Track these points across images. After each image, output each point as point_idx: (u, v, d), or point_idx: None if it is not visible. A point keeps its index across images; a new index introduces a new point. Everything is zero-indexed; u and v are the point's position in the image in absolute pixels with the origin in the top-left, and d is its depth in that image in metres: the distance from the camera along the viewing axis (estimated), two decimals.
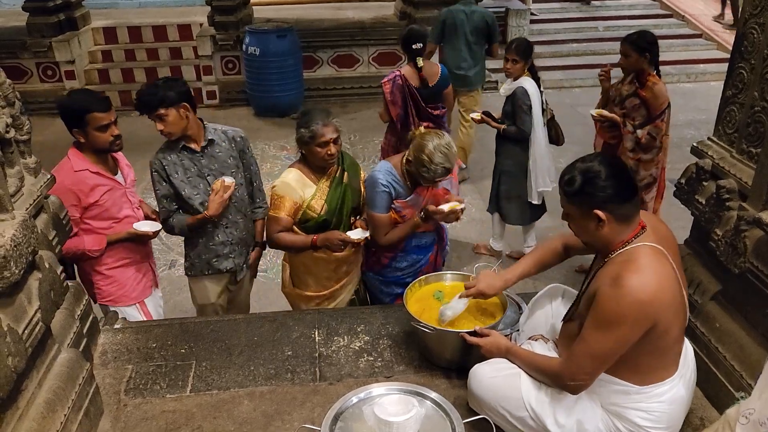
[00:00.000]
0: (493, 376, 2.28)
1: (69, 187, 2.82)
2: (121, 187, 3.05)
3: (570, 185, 2.00)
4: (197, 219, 3.04)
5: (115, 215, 3.03)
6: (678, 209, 2.95)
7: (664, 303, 1.92)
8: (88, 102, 2.82)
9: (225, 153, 3.11)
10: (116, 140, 2.91)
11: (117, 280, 3.13)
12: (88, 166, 2.90)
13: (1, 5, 10.81)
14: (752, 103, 2.27)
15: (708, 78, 9.32)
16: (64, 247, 2.79)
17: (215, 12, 8.36)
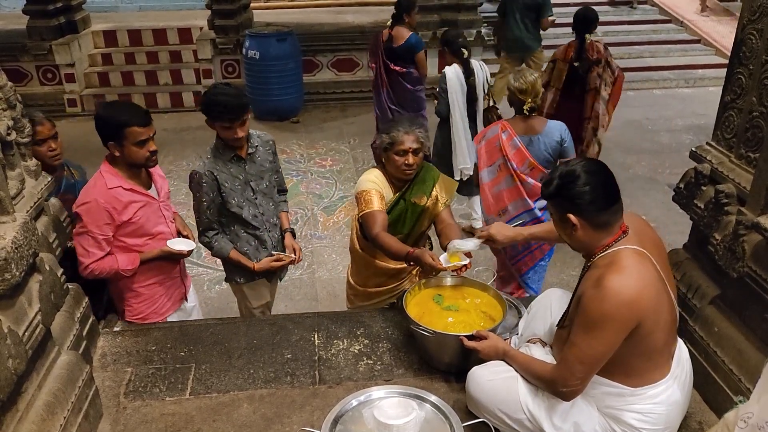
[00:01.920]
0: (491, 379, 2.29)
1: (102, 205, 2.70)
2: (155, 201, 2.93)
3: (546, 186, 2.06)
4: (240, 261, 3.13)
5: (150, 231, 2.92)
6: (677, 214, 2.97)
7: (647, 301, 1.95)
8: (128, 115, 2.69)
9: (263, 157, 3.12)
10: (152, 156, 2.78)
11: (149, 297, 3.05)
12: (122, 182, 2.77)
13: (2, 8, 10.82)
14: (751, 108, 2.28)
15: (706, 83, 9.34)
16: (98, 267, 2.79)
17: (215, 16, 8.38)
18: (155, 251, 2.94)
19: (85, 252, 2.77)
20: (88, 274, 2.81)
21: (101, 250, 2.78)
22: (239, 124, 2.87)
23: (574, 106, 5.06)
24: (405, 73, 5.83)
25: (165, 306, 3.13)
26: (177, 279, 3.17)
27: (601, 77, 4.97)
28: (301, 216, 5.72)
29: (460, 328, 2.53)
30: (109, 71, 8.73)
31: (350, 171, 6.66)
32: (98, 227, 2.73)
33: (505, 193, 3.63)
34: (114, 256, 2.85)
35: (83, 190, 2.79)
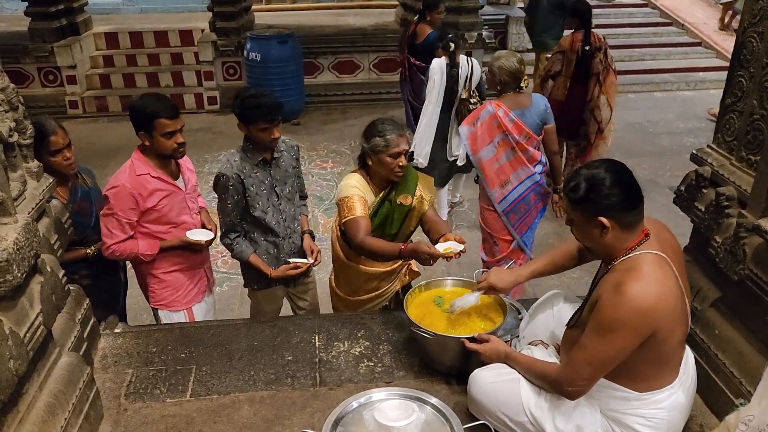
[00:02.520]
0: (492, 381, 2.28)
1: (129, 190, 2.83)
2: (180, 192, 3.03)
3: (575, 192, 2.00)
4: (259, 266, 3.14)
5: (173, 220, 3.02)
6: (677, 216, 2.96)
7: (664, 311, 1.92)
8: (158, 107, 2.80)
9: (287, 162, 3.15)
10: (180, 147, 2.89)
11: (170, 284, 3.14)
12: (150, 170, 2.89)
13: (3, 10, 10.85)
14: (751, 111, 2.29)
15: (707, 86, 9.35)
16: (119, 248, 2.92)
17: (217, 18, 8.40)
18: (175, 240, 3.05)
19: (108, 233, 2.91)
20: (109, 255, 2.96)
21: (124, 233, 2.92)
22: (275, 126, 2.93)
23: (581, 92, 5.52)
24: (424, 69, 5.87)
25: (189, 294, 3.20)
26: (201, 270, 3.26)
27: (603, 63, 5.44)
28: None
29: (461, 331, 2.53)
30: (111, 73, 8.74)
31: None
32: (123, 211, 2.86)
33: (506, 165, 3.84)
34: (135, 241, 2.97)
35: (114, 176, 2.91)
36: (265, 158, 3.03)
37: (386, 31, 8.97)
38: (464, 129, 3.94)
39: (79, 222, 2.96)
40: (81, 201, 3.02)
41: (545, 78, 5.78)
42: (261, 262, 3.16)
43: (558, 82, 5.61)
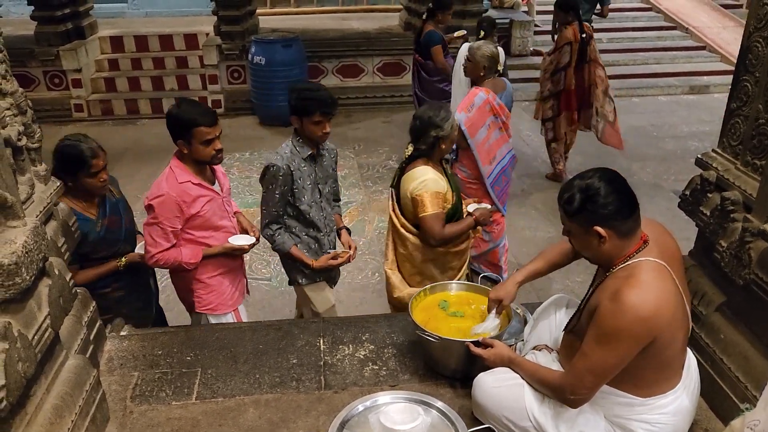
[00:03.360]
0: (496, 386, 2.28)
1: (174, 198, 2.84)
2: (219, 196, 3.05)
3: (569, 204, 2.00)
4: (301, 258, 3.18)
5: (215, 224, 3.05)
6: (682, 220, 2.96)
7: (664, 318, 1.92)
8: (197, 115, 2.80)
9: (328, 161, 3.23)
10: (218, 154, 2.90)
11: (216, 289, 3.16)
12: (191, 177, 2.91)
13: (10, 14, 10.90)
14: (757, 116, 2.29)
15: (712, 90, 9.34)
16: (163, 257, 2.92)
17: (221, 22, 8.42)
18: (217, 248, 3.07)
19: (153, 242, 2.92)
20: (153, 263, 2.98)
21: (168, 241, 2.93)
22: (329, 120, 3.01)
23: (580, 78, 6.06)
24: (423, 64, 6.39)
25: (233, 297, 3.23)
26: (240, 272, 3.30)
27: (593, 49, 6.09)
28: None
29: (466, 334, 2.53)
30: (116, 77, 8.78)
31: (355, 177, 6.67)
32: (168, 219, 2.87)
33: (494, 144, 4.26)
34: (179, 249, 2.99)
35: (155, 184, 2.92)
36: (312, 153, 3.09)
37: (390, 35, 8.99)
38: (460, 116, 4.07)
39: (111, 236, 2.98)
40: (111, 215, 3.00)
41: (555, 72, 6.07)
42: (302, 254, 3.19)
43: (568, 74, 6.00)
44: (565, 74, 6.01)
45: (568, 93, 6.07)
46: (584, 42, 5.92)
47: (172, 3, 11.14)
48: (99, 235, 2.92)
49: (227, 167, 6.84)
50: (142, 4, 11.29)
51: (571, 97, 6.09)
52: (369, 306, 4.47)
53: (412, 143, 3.15)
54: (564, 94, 6.11)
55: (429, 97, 6.31)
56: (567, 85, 6.04)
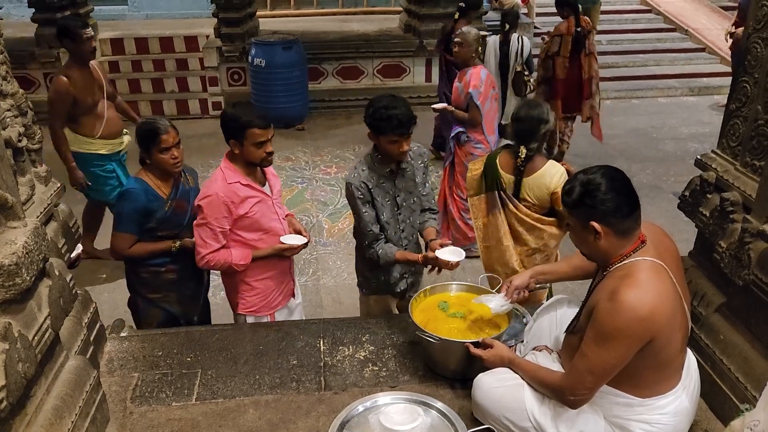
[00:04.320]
0: (496, 386, 2.29)
1: (222, 199, 2.84)
2: (269, 198, 3.03)
3: (569, 195, 2.01)
4: (407, 258, 3.01)
5: (264, 226, 3.02)
6: (682, 222, 2.97)
7: (662, 318, 1.92)
8: (251, 118, 2.81)
9: (412, 171, 3.08)
10: (268, 156, 2.91)
11: (261, 291, 3.14)
12: (240, 178, 2.90)
13: (10, 16, 10.91)
14: (756, 117, 2.29)
15: (711, 91, 9.34)
16: (213, 258, 2.93)
17: (222, 24, 8.43)
18: (267, 250, 3.04)
19: (203, 242, 2.93)
20: (203, 264, 2.98)
21: (217, 242, 2.93)
22: (406, 138, 2.85)
23: (577, 69, 6.37)
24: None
25: (276, 300, 3.22)
26: (288, 275, 3.28)
27: (592, 42, 6.43)
28: (306, 223, 5.74)
29: (466, 335, 2.53)
30: (116, 79, 8.76)
31: None
32: (216, 220, 2.88)
33: (491, 114, 4.88)
34: (229, 250, 2.98)
35: (205, 184, 2.96)
36: (392, 169, 2.98)
37: (390, 37, 8.99)
38: (474, 92, 4.65)
39: (174, 218, 3.07)
40: (180, 199, 3.09)
41: (545, 59, 6.46)
42: (408, 253, 3.05)
43: (558, 62, 6.35)
44: (553, 62, 6.38)
45: (556, 82, 6.45)
46: (579, 35, 6.24)
47: (173, 5, 11.15)
48: (165, 214, 3.03)
49: None
50: (143, 6, 11.29)
51: (558, 85, 6.44)
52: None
53: (522, 145, 3.11)
54: (553, 82, 6.51)
55: None
56: (556, 73, 6.39)
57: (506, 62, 6.22)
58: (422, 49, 8.66)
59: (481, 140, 4.79)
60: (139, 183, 3.01)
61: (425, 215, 3.21)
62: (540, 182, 3.13)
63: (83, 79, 4.47)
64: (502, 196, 3.28)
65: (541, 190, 3.14)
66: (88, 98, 4.50)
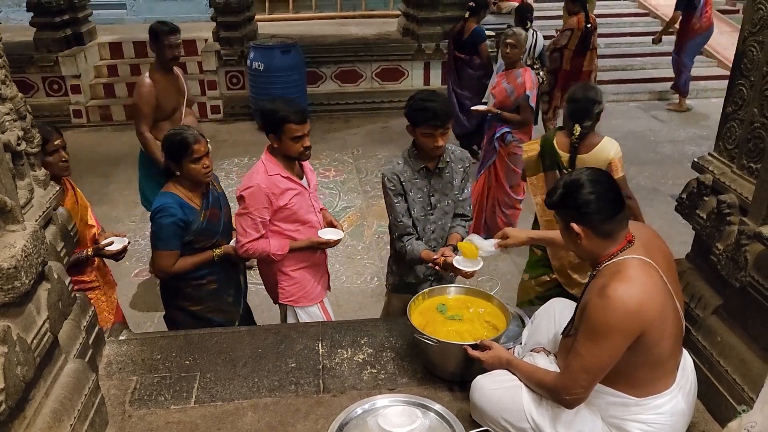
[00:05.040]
0: (494, 388, 2.29)
1: (264, 190, 2.93)
2: (306, 191, 3.11)
3: (550, 195, 2.07)
4: (431, 257, 2.99)
5: (301, 218, 3.10)
6: (679, 224, 2.98)
7: (651, 312, 1.95)
8: (288, 112, 2.88)
9: (451, 173, 3.09)
10: (306, 150, 2.98)
11: (299, 281, 3.22)
12: (280, 171, 2.99)
13: (9, 20, 10.92)
14: (752, 119, 2.30)
15: (708, 94, 9.37)
16: (252, 247, 3.00)
17: (220, 28, 8.45)
18: (304, 241, 3.12)
19: (243, 232, 3.01)
20: (243, 253, 3.05)
21: (257, 231, 3.00)
22: (441, 133, 2.88)
23: (580, 63, 6.88)
24: (468, 60, 6.71)
25: (315, 291, 3.27)
26: (323, 267, 3.33)
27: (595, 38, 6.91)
28: None
29: (464, 338, 2.54)
30: (115, 83, 8.79)
31: (353, 182, 6.68)
32: (257, 210, 2.96)
33: None
34: (267, 240, 3.06)
35: (246, 176, 3.05)
36: (427, 167, 3.01)
37: (388, 41, 9.01)
38: (531, 93, 4.78)
39: (210, 228, 3.05)
40: (212, 207, 3.07)
41: (553, 51, 6.88)
42: (431, 252, 3.05)
43: (565, 55, 6.85)
44: (561, 55, 6.86)
45: (562, 72, 6.91)
46: (587, 31, 6.70)
47: (171, 9, 11.17)
48: (201, 226, 3.01)
49: (226, 172, 6.86)
50: (141, 11, 11.32)
51: (561, 77, 6.90)
52: (367, 310, 4.47)
53: (577, 124, 3.29)
54: (559, 73, 6.94)
55: (470, 92, 6.64)
56: (563, 65, 6.89)
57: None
58: (421, 53, 8.68)
59: (526, 140, 4.77)
60: (171, 197, 2.94)
61: (456, 220, 3.21)
62: (597, 156, 3.31)
63: (165, 84, 4.42)
64: (563, 173, 3.41)
65: (598, 163, 3.25)
66: (168, 103, 4.45)
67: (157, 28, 4.38)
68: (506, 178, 5.09)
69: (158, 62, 4.46)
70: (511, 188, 5.13)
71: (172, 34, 4.36)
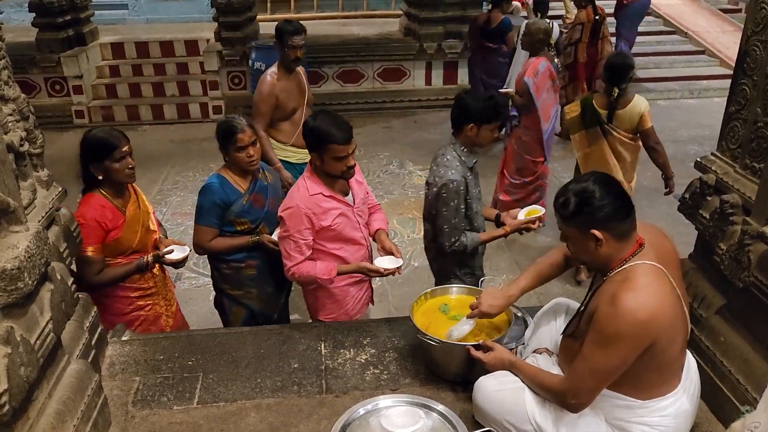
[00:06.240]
0: (497, 389, 2.29)
1: (303, 211, 2.82)
2: (351, 208, 3.00)
3: (565, 207, 2.01)
4: (493, 236, 3.15)
5: (346, 236, 2.99)
6: (682, 224, 2.97)
7: (663, 321, 1.93)
8: (331, 132, 2.75)
9: (476, 169, 3.17)
10: (349, 170, 2.86)
11: (339, 300, 3.13)
12: (322, 189, 2.88)
13: (11, 21, 10.93)
14: (755, 119, 2.30)
15: (711, 94, 9.35)
16: (297, 270, 2.91)
17: (222, 28, 8.45)
18: (353, 266, 3.00)
19: (287, 255, 2.93)
20: (290, 277, 3.00)
21: (301, 254, 2.91)
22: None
23: (594, 52, 7.31)
24: (496, 49, 7.08)
25: (355, 308, 3.21)
26: (367, 282, 3.27)
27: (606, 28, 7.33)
28: None
29: (467, 338, 2.53)
30: (117, 83, 8.80)
31: None
32: (299, 231, 2.86)
33: (548, 104, 5.15)
34: (313, 263, 2.95)
35: (288, 195, 2.97)
36: (475, 161, 3.12)
37: (390, 41, 9.01)
38: (529, 80, 4.97)
39: (252, 211, 3.14)
40: (257, 193, 3.16)
41: (567, 46, 7.26)
42: (491, 232, 3.17)
43: (579, 48, 7.26)
44: (575, 49, 7.27)
45: (578, 65, 7.32)
46: (597, 22, 7.14)
47: (173, 9, 11.17)
48: (243, 208, 3.10)
49: None
50: (143, 11, 11.32)
51: (580, 69, 7.30)
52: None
53: (615, 86, 4.16)
54: (576, 66, 7.32)
55: (500, 80, 6.91)
56: (577, 58, 7.29)
57: None
58: (422, 53, 8.68)
59: (531, 128, 5.11)
60: (217, 178, 3.09)
61: None
62: (632, 110, 4.22)
63: (288, 84, 4.42)
64: (605, 128, 4.31)
65: (633, 116, 4.21)
66: (289, 104, 4.42)
67: (282, 28, 4.37)
68: (513, 160, 5.36)
69: (281, 62, 4.44)
70: (517, 171, 5.34)
71: (297, 35, 4.35)
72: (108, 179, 2.85)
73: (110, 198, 2.89)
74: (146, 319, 3.13)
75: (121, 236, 2.90)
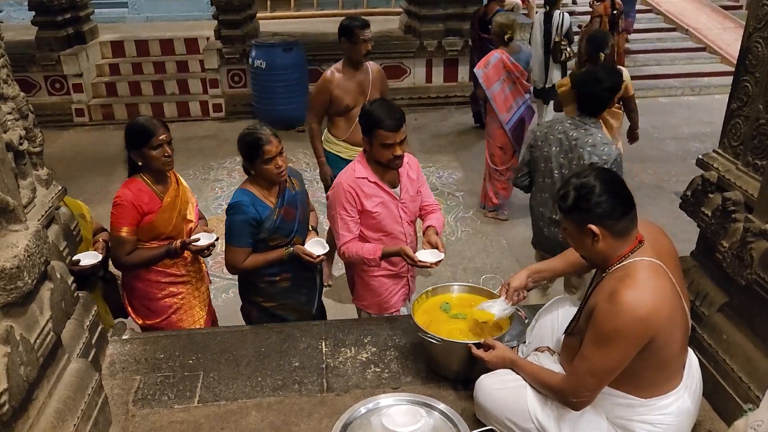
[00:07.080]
0: (499, 387, 2.28)
1: (345, 188, 2.91)
2: (395, 200, 3.01)
3: (564, 200, 2.02)
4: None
5: (386, 228, 3.02)
6: (683, 221, 2.96)
7: (661, 318, 1.92)
8: (381, 117, 2.79)
9: None
10: (396, 159, 2.86)
11: (374, 290, 3.17)
12: (369, 175, 2.94)
13: (11, 19, 10.93)
14: (757, 116, 2.29)
15: (712, 91, 9.34)
16: (347, 249, 2.97)
17: (222, 26, 8.44)
18: (396, 248, 2.96)
19: (338, 235, 3.00)
20: (341, 256, 3.07)
21: (349, 231, 2.97)
22: None
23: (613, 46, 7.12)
24: (491, 40, 6.93)
25: (389, 301, 3.20)
26: (405, 278, 3.24)
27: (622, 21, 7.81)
28: None
29: (468, 336, 2.53)
30: (117, 81, 8.80)
31: None
32: (343, 208, 2.94)
33: (510, 95, 5.38)
34: (361, 244, 2.99)
35: (337, 177, 3.04)
36: None
37: (390, 39, 8.99)
38: (479, 71, 5.34)
39: (283, 226, 3.00)
40: (287, 206, 3.02)
41: (581, 38, 7.37)
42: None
43: None
44: None
45: None
46: (614, 16, 7.52)
47: (173, 8, 11.18)
48: (275, 224, 2.96)
49: (229, 171, 6.86)
50: (143, 9, 11.32)
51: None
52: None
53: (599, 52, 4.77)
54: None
55: None
56: None
57: (549, 36, 6.99)
58: (422, 50, 8.66)
59: (493, 116, 5.49)
60: (246, 195, 2.92)
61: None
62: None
63: (346, 81, 4.35)
64: None
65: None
66: (345, 100, 4.34)
67: (349, 24, 4.32)
68: (487, 146, 5.72)
69: (347, 58, 4.38)
70: (490, 157, 5.67)
71: (366, 28, 4.32)
72: (147, 166, 2.89)
73: (150, 184, 2.92)
74: (180, 308, 3.12)
75: (155, 220, 2.92)
